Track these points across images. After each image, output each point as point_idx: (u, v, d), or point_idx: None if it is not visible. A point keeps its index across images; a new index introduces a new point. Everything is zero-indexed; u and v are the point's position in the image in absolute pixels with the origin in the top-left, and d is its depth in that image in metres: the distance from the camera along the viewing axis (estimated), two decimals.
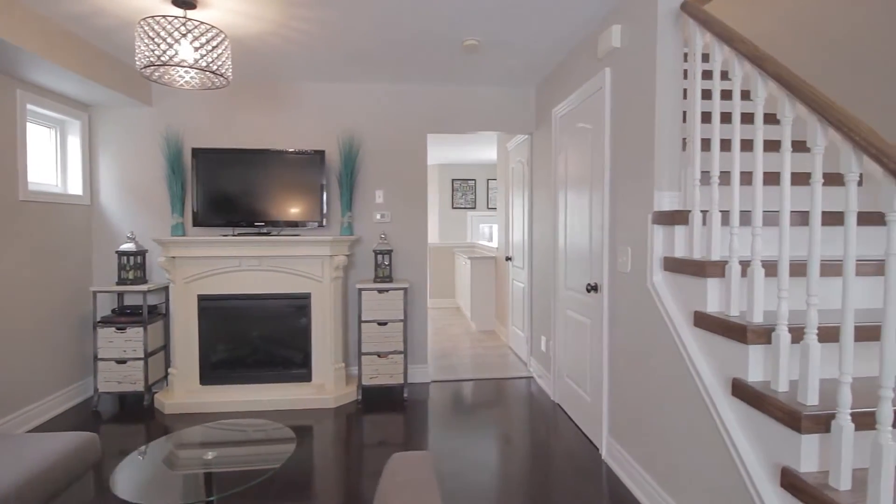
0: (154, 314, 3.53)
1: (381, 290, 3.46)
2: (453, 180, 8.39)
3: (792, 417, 1.30)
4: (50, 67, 2.78)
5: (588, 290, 2.66)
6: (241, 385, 3.43)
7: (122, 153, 3.64)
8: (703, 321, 1.71)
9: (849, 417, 1.21)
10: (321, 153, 3.56)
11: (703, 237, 1.80)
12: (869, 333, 1.46)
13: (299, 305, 3.46)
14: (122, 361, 3.36)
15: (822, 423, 1.27)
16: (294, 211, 3.56)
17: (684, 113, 2.13)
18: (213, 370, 3.45)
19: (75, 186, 3.54)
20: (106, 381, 3.35)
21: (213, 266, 3.38)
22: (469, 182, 8.42)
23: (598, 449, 2.68)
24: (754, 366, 1.51)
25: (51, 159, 3.44)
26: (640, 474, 2.16)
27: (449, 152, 7.49)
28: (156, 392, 3.50)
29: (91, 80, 3.04)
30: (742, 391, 1.50)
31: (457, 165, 8.38)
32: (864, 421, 1.25)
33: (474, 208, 8.41)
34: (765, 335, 1.48)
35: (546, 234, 3.66)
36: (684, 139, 2.07)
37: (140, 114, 3.63)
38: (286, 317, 3.51)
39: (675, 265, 1.90)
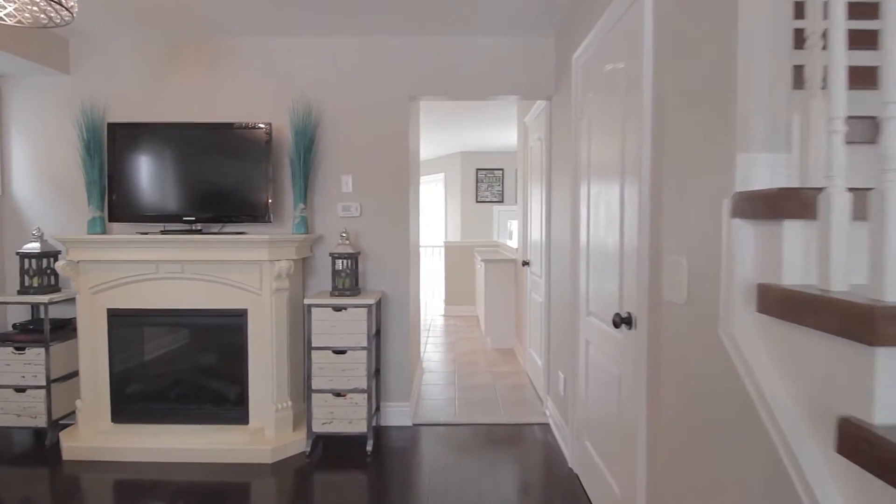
0: (67, 330, 2.85)
1: (337, 308, 2.60)
2: (478, 170, 7.43)
3: None
4: None
5: (616, 324, 1.66)
6: (161, 426, 2.67)
7: (38, 133, 2.98)
8: (862, 447, 0.70)
9: None
10: (266, 127, 2.74)
11: (847, 246, 0.79)
12: None
13: (233, 325, 2.66)
14: (20, 389, 2.70)
15: None
16: (232, 202, 2.76)
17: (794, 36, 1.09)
18: (128, 405, 2.72)
19: None
20: (3, 414, 2.71)
21: (126, 273, 2.64)
22: (496, 172, 7.43)
23: None
24: None
25: None
26: None
27: (471, 137, 6.54)
28: (69, 427, 2.81)
29: None
30: None
31: (481, 153, 7.42)
32: None
33: (501, 202, 7.42)
34: None
35: (564, 236, 2.66)
36: (797, 66, 1.05)
37: (56, 84, 2.96)
38: (217, 340, 2.72)
39: (785, 304, 0.89)
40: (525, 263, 3.91)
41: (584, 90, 2.27)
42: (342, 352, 2.60)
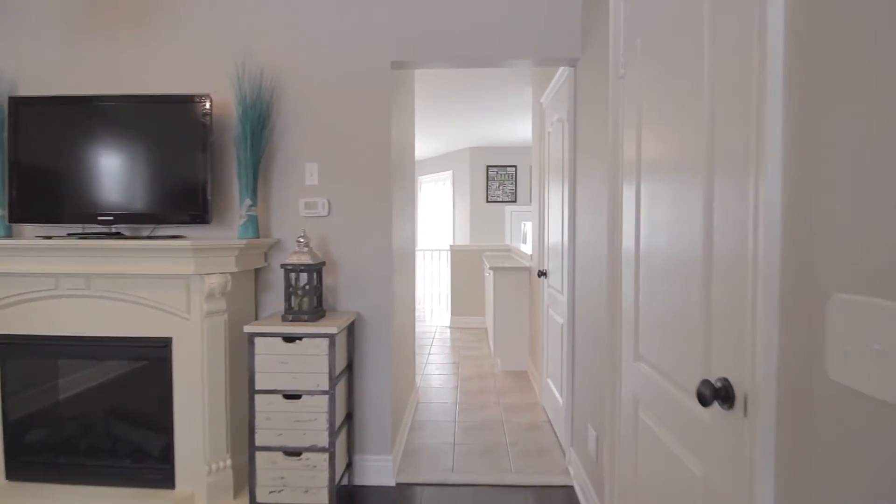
0: None
1: (289, 338, 1.95)
2: (488, 167, 6.75)
3: None
4: None
5: (705, 399, 0.97)
6: (68, 486, 2.05)
7: None
8: None
9: None
10: (204, 100, 2.10)
11: None
12: None
13: (154, 358, 2.02)
14: None
15: None
16: (161, 197, 2.13)
17: None
18: (27, 458, 2.10)
19: None
20: None
21: (17, 289, 2.02)
22: (508, 169, 6.74)
23: None
24: None
25: None
26: None
27: (481, 131, 5.87)
28: None
29: None
30: None
31: (492, 148, 6.74)
32: None
33: (514, 202, 6.72)
34: None
35: (596, 244, 1.97)
36: None
37: None
38: (136, 378, 2.09)
39: None
40: (542, 274, 3.21)
41: (629, 35, 1.57)
42: (296, 396, 1.94)
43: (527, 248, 4.57)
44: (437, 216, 7.52)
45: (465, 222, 6.87)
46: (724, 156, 0.99)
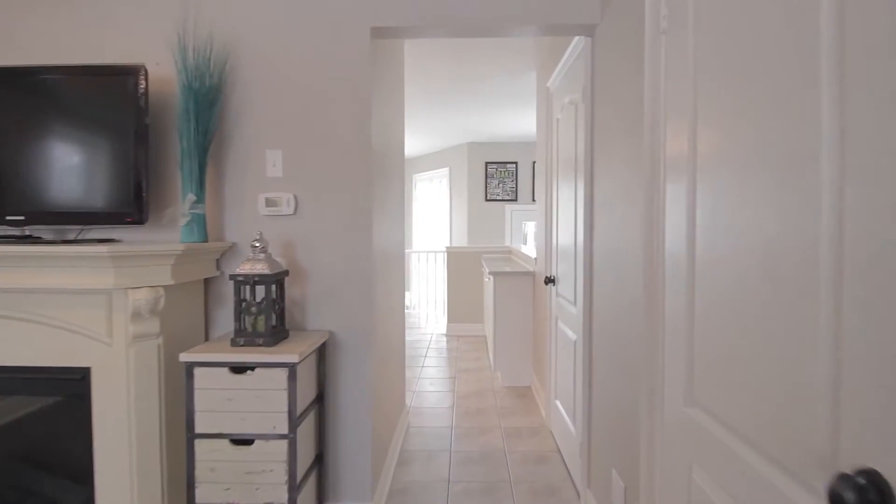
0: None
1: (237, 368, 1.55)
2: (487, 164, 6.36)
3: None
4: None
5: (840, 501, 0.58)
6: None
7: None
8: None
9: None
10: (134, 72, 1.71)
11: None
12: None
13: (69, 394, 1.62)
14: None
15: None
16: (84, 193, 1.73)
17: None
18: None
19: None
20: None
21: None
22: (508, 166, 6.34)
23: None
24: None
25: None
26: None
27: (479, 124, 5.48)
28: None
29: None
30: None
31: (491, 144, 6.35)
32: None
33: (515, 200, 6.33)
34: None
35: (622, 244, 1.58)
36: None
37: None
38: (48, 416, 1.69)
39: None
40: (549, 281, 2.82)
41: None
42: (247, 442, 1.55)
43: (528, 250, 4.18)
44: (434, 216, 7.13)
45: (462, 222, 6.48)
46: (869, 135, 0.59)
